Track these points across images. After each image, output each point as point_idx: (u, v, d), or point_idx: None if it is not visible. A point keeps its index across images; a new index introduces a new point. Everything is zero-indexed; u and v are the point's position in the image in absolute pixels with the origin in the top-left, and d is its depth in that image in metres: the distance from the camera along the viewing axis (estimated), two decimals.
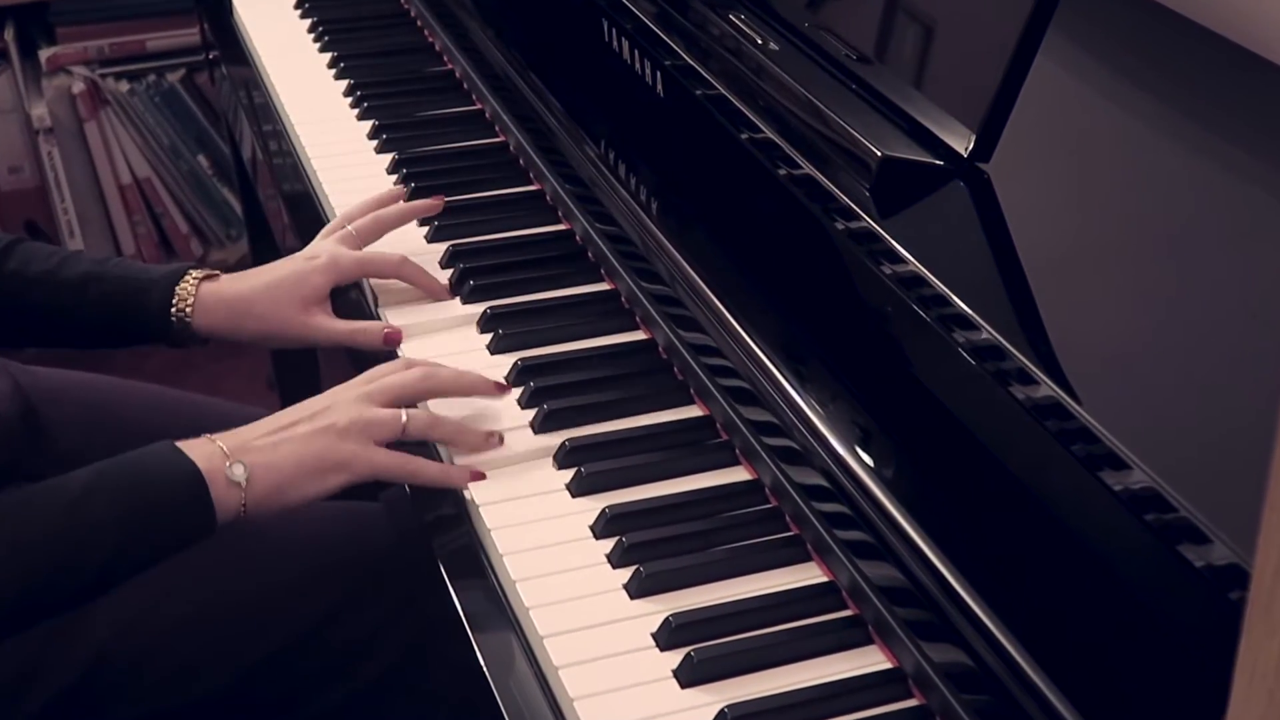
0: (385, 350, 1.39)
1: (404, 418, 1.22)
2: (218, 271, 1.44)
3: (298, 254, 1.46)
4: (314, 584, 1.39)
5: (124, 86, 3.10)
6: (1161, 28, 1.08)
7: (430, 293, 1.44)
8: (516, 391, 1.30)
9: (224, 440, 1.19)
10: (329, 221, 1.57)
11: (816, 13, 1.32)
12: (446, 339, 1.39)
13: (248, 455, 1.18)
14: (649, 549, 1.12)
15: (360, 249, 1.46)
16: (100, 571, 1.14)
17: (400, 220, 1.51)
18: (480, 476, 1.21)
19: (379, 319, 1.42)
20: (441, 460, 1.24)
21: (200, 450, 1.18)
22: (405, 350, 1.37)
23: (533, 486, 1.20)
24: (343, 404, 1.23)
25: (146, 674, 1.33)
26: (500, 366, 1.33)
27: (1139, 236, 1.03)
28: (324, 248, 1.45)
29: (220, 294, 1.42)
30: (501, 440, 1.24)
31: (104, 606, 1.29)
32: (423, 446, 1.26)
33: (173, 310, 1.40)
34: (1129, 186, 1.05)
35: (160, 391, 1.63)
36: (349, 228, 1.47)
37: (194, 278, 1.41)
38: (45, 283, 1.42)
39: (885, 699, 1.00)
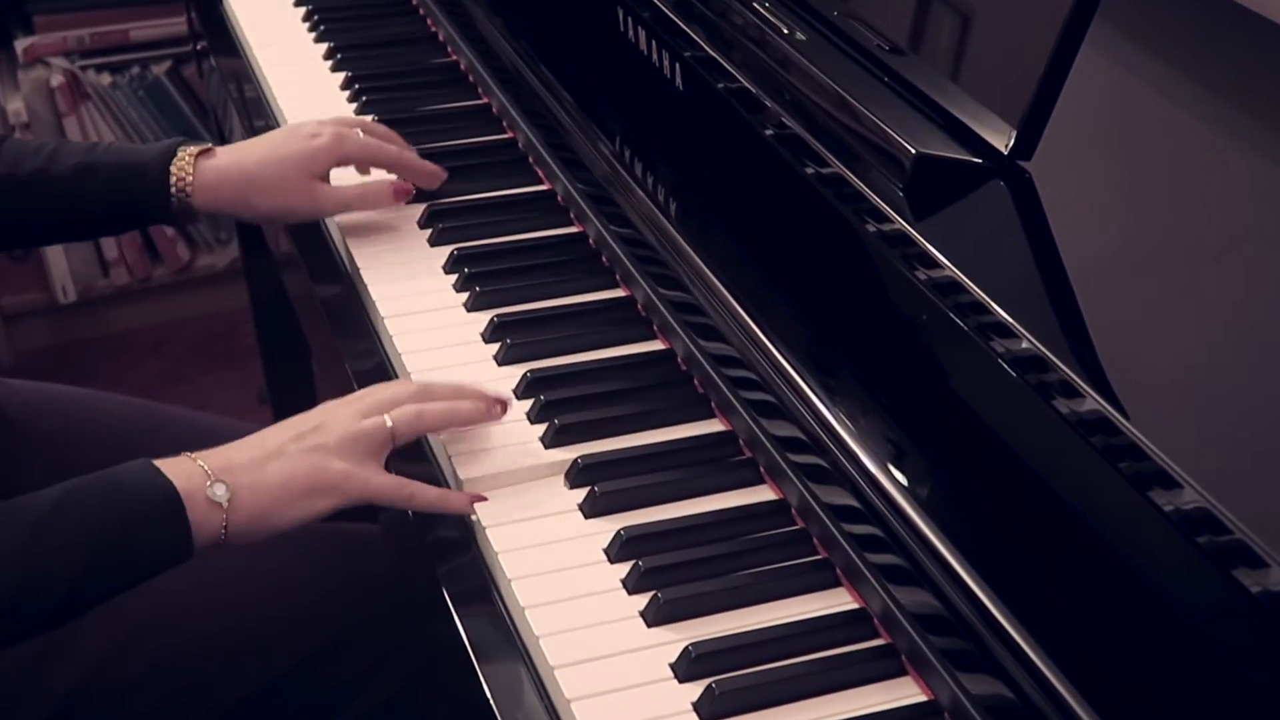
0: (394, 204, 1.55)
1: (388, 422, 1.22)
2: (210, 145, 1.52)
3: (291, 127, 1.56)
4: (306, 615, 1.40)
5: (106, 79, 3.12)
6: (1216, 16, 1.08)
7: (429, 175, 1.58)
8: (525, 405, 1.30)
9: (206, 459, 1.19)
10: (324, 221, 1.58)
11: (846, 0, 1.33)
12: (451, 349, 1.39)
13: (231, 475, 1.18)
14: (667, 573, 1.12)
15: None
16: (67, 596, 1.13)
17: (394, 161, 1.58)
18: (482, 499, 1.21)
19: (378, 322, 1.43)
20: (442, 471, 1.24)
21: (179, 469, 1.18)
22: (405, 360, 1.37)
23: (543, 507, 1.21)
24: (333, 421, 1.22)
25: (125, 712, 1.33)
26: (508, 378, 1.33)
27: (1192, 239, 1.03)
28: (322, 126, 1.54)
29: (220, 169, 1.50)
30: (505, 409, 1.24)
31: (83, 640, 1.29)
32: (424, 463, 1.26)
33: (172, 190, 1.48)
34: (1181, 186, 1.05)
35: (144, 405, 1.64)
36: (355, 122, 1.59)
37: (189, 154, 1.49)
38: (39, 181, 1.48)
39: None
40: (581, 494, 1.21)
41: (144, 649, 1.34)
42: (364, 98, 1.82)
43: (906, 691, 1.04)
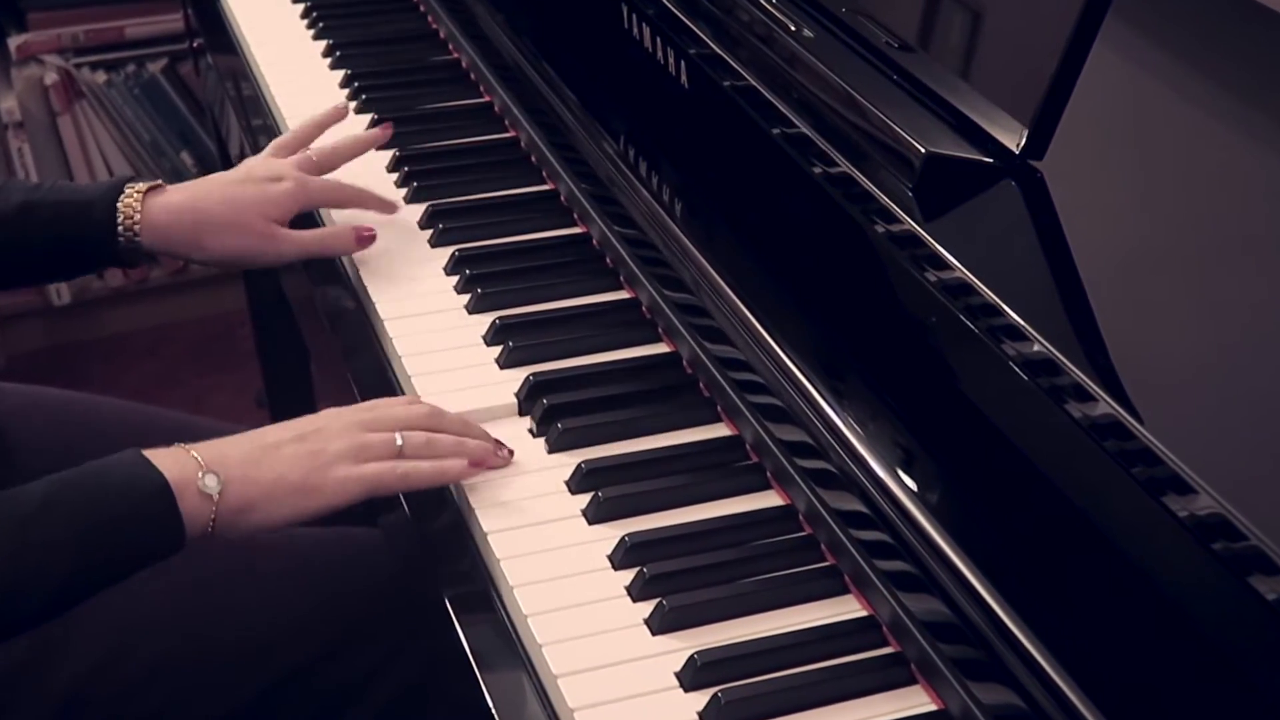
0: (355, 251, 1.50)
1: (398, 440, 1.22)
2: (160, 182, 1.49)
3: (246, 168, 1.53)
4: (306, 619, 1.40)
5: (101, 77, 3.12)
6: (1232, 12, 1.08)
7: (386, 206, 1.56)
8: (528, 409, 1.31)
9: (199, 450, 1.19)
10: (321, 223, 1.58)
11: None
12: (452, 353, 1.39)
13: (224, 467, 1.18)
14: (672, 580, 1.13)
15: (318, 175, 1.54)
16: (59, 590, 1.14)
17: (355, 150, 1.59)
18: (480, 463, 1.22)
19: (378, 324, 1.43)
20: (451, 490, 1.25)
21: (170, 459, 1.17)
22: (406, 364, 1.37)
23: (546, 512, 1.21)
24: (336, 428, 1.23)
25: (122, 718, 1.34)
26: (510, 382, 1.34)
27: (1207, 240, 1.03)
28: (283, 169, 1.52)
29: (170, 206, 1.47)
30: (511, 455, 1.25)
31: (78, 645, 1.30)
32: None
33: (119, 228, 1.45)
34: (1196, 185, 1.06)
35: (139, 409, 1.64)
36: (308, 152, 1.56)
37: (136, 190, 1.46)
38: None
39: None
40: (585, 499, 1.21)
41: (141, 653, 1.34)
42: (363, 96, 1.82)
43: (916, 701, 1.04)
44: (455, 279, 1.48)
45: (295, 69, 1.91)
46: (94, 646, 1.32)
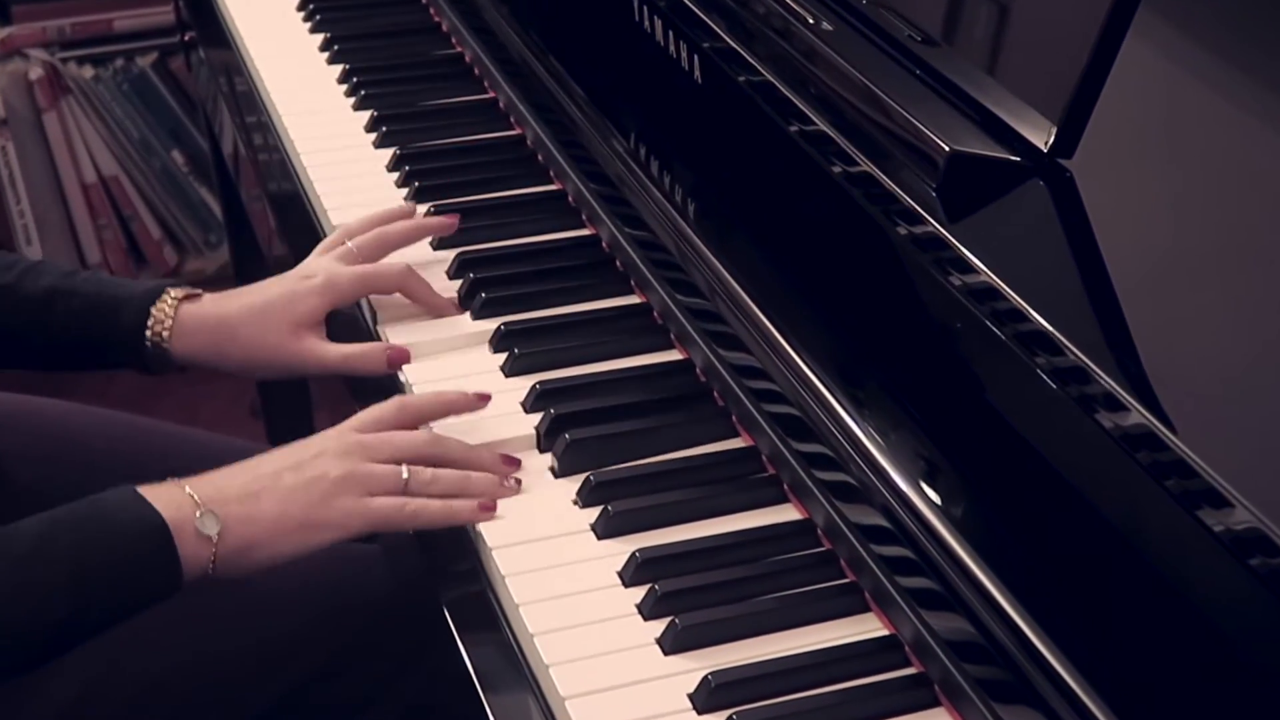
0: (386, 374, 1.40)
1: (405, 473, 1.22)
2: (200, 291, 1.45)
3: (290, 272, 1.46)
4: (303, 639, 1.40)
5: (88, 72, 3.13)
6: (1269, 3, 1.09)
7: (436, 310, 1.45)
8: (534, 419, 1.31)
9: (195, 487, 1.19)
10: (319, 224, 1.59)
11: None
12: (455, 360, 1.40)
13: (222, 506, 1.19)
14: (685, 598, 1.13)
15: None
16: (54, 635, 1.15)
17: (406, 238, 1.51)
18: (491, 508, 1.22)
19: (378, 338, 1.44)
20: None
21: (167, 498, 1.18)
22: (409, 373, 1.38)
23: (553, 527, 1.21)
24: (336, 454, 1.23)
25: None
26: (515, 390, 1.34)
27: (1243, 242, 1.04)
28: (320, 265, 1.45)
29: (202, 316, 1.42)
30: (519, 484, 1.25)
31: (70, 665, 1.30)
32: None
33: (148, 333, 1.42)
34: (1232, 184, 1.06)
35: (129, 420, 1.64)
36: (349, 244, 1.47)
37: (173, 297, 1.42)
38: (4, 297, 1.43)
39: None
40: (594, 514, 1.22)
41: (132, 673, 1.34)
42: (362, 92, 1.82)
43: None
44: (458, 283, 1.48)
45: (291, 63, 1.92)
46: (88, 665, 1.32)
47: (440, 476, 1.23)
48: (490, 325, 1.43)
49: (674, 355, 1.39)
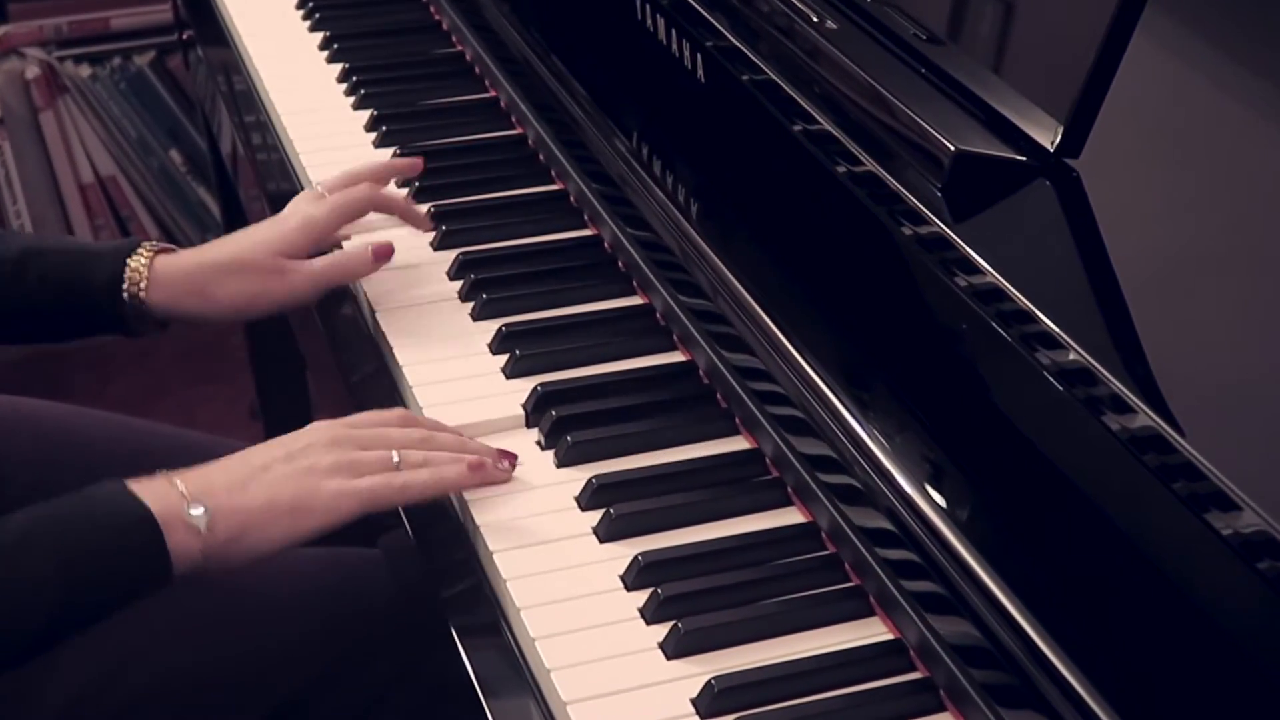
0: (372, 269, 1.48)
1: (395, 457, 1.22)
2: (174, 246, 1.49)
3: (265, 220, 1.52)
4: (303, 644, 1.40)
5: (85, 71, 3.13)
6: (1278, 1, 1.09)
7: (414, 221, 1.56)
8: (536, 422, 1.31)
9: (183, 479, 1.20)
10: None
11: None
12: (455, 362, 1.40)
13: (211, 497, 1.19)
14: (688, 602, 1.13)
15: None
16: (42, 629, 1.15)
17: (375, 175, 1.58)
18: (479, 466, 1.22)
19: (377, 329, 1.44)
20: (454, 502, 1.25)
21: (154, 490, 1.18)
22: (408, 373, 1.38)
23: (555, 530, 1.21)
24: (325, 442, 1.23)
25: None
26: (517, 392, 1.34)
27: (1252, 242, 1.04)
28: (293, 208, 1.51)
29: (180, 264, 1.46)
30: (513, 467, 1.25)
31: (61, 674, 1.30)
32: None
33: (124, 287, 1.45)
34: (1241, 184, 1.06)
35: (126, 422, 1.64)
36: (317, 187, 1.55)
37: (148, 250, 1.46)
38: None
39: None
40: (596, 516, 1.22)
41: (132, 679, 1.34)
42: (362, 91, 1.83)
43: None
44: (459, 284, 1.49)
45: (291, 62, 1.92)
46: (83, 672, 1.32)
47: (432, 459, 1.24)
48: (491, 326, 1.43)
49: (677, 357, 1.39)
